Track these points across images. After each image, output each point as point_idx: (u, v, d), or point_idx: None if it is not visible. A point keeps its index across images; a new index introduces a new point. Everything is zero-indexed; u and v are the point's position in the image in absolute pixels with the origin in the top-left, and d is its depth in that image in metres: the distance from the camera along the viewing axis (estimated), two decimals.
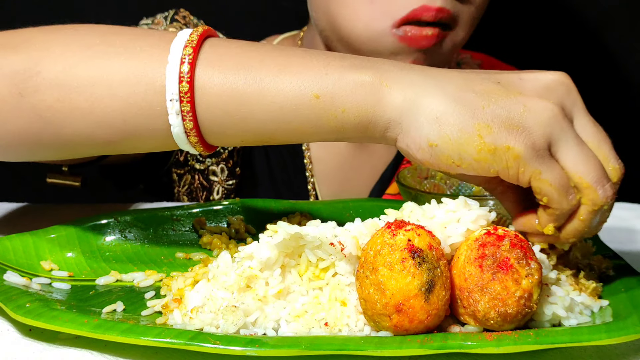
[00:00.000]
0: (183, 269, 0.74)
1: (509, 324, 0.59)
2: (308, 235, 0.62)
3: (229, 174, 1.11)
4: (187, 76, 0.65)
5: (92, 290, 0.70)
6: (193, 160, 1.10)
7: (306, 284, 0.63)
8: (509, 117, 0.60)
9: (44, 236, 0.76)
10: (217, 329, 0.61)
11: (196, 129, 0.66)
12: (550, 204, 0.61)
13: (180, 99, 0.65)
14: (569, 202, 0.61)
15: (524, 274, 0.58)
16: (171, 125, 0.66)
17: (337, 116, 0.64)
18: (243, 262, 0.64)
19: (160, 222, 0.83)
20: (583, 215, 0.62)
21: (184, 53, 0.65)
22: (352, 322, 0.61)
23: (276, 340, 0.57)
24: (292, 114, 0.65)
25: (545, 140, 0.60)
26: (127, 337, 0.56)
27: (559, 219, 0.63)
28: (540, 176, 0.60)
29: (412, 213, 0.64)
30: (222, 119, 0.66)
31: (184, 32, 0.67)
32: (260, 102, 0.65)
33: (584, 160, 0.61)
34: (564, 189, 0.61)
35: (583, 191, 0.61)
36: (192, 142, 0.67)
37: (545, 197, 0.61)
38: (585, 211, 0.62)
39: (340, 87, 0.63)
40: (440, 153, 0.61)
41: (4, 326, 0.63)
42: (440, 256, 0.59)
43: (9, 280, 0.67)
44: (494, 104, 0.61)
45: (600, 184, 0.61)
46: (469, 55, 1.26)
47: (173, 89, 0.65)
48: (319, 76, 0.64)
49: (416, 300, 0.57)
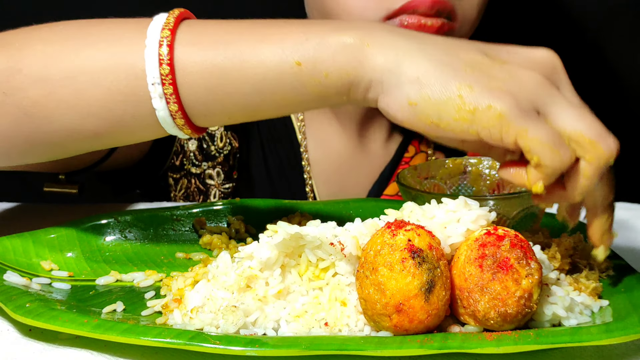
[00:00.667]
0: (183, 269, 0.74)
1: (509, 324, 0.59)
2: (308, 235, 0.62)
3: (225, 177, 1.11)
4: (166, 58, 0.64)
5: (92, 290, 0.70)
6: (189, 164, 1.10)
7: (306, 284, 0.63)
8: (492, 80, 0.59)
9: (44, 236, 0.76)
10: (217, 329, 0.61)
11: (181, 111, 0.66)
12: (542, 162, 0.59)
13: (162, 82, 0.64)
14: (561, 160, 0.59)
15: (524, 274, 0.58)
16: (156, 110, 0.65)
17: (320, 82, 0.63)
18: (243, 262, 0.64)
19: (160, 222, 0.83)
20: (589, 173, 0.59)
21: (162, 35, 0.65)
22: (352, 322, 0.61)
23: (276, 340, 0.57)
24: (275, 84, 0.64)
25: (530, 103, 0.59)
26: (127, 337, 0.56)
27: (550, 178, 0.60)
28: (527, 134, 0.58)
29: (412, 213, 0.64)
30: (206, 97, 0.65)
31: (161, 16, 0.67)
32: (242, 76, 0.64)
33: (581, 116, 0.59)
34: (556, 145, 0.58)
35: (586, 147, 0.59)
36: (179, 124, 0.67)
37: (536, 155, 0.58)
38: (590, 168, 0.59)
39: (321, 51, 0.63)
40: (420, 112, 0.60)
41: (4, 326, 0.63)
42: (440, 256, 0.59)
43: (9, 280, 0.67)
44: (477, 70, 0.60)
45: (603, 138, 0.59)
46: None
47: (154, 73, 0.64)
48: (299, 43, 0.63)
49: (416, 300, 0.57)
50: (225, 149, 1.09)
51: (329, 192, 1.13)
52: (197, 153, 1.08)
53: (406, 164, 1.14)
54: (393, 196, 1.12)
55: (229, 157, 1.10)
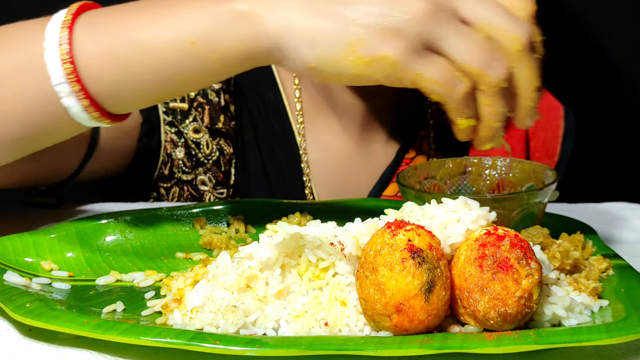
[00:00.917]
0: (183, 269, 0.74)
1: (509, 324, 0.59)
2: (308, 235, 0.62)
3: (217, 183, 1.10)
4: (67, 57, 0.65)
5: (92, 290, 0.70)
6: (179, 172, 1.09)
7: (306, 284, 0.63)
8: (379, 24, 0.60)
9: (44, 236, 0.76)
10: (217, 329, 0.61)
11: (93, 105, 0.66)
12: (442, 99, 0.61)
13: (68, 80, 0.65)
14: (458, 92, 0.61)
15: (524, 274, 0.58)
16: (67, 108, 0.66)
17: (218, 57, 0.64)
18: (243, 262, 0.64)
19: (160, 222, 0.83)
20: (487, 100, 0.62)
21: (60, 35, 0.66)
22: (352, 322, 0.61)
23: (276, 340, 0.57)
24: (176, 65, 0.65)
25: (420, 41, 0.60)
26: (127, 337, 0.56)
27: (459, 111, 0.62)
28: (422, 77, 0.60)
29: (412, 213, 0.64)
30: (113, 87, 0.66)
31: (59, 14, 0.68)
32: (142, 62, 0.65)
33: (467, 47, 0.61)
34: (449, 81, 0.60)
35: (475, 78, 0.61)
36: (95, 117, 0.67)
37: (434, 94, 0.61)
38: (486, 95, 0.61)
39: (213, 27, 0.63)
40: (321, 72, 0.62)
41: (4, 326, 0.63)
42: (440, 256, 0.59)
43: (9, 280, 0.67)
44: (364, 14, 0.61)
45: (488, 66, 0.60)
46: None
47: (58, 73, 0.65)
48: (192, 21, 0.64)
49: (416, 300, 0.57)
50: (213, 155, 1.09)
51: (328, 194, 1.12)
52: (185, 160, 1.08)
53: (407, 165, 1.14)
54: (392, 197, 1.12)
55: (219, 163, 1.10)
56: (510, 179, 0.82)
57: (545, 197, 0.74)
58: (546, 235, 0.70)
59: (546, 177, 0.78)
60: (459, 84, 0.61)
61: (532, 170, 0.80)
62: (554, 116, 1.24)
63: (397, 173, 1.05)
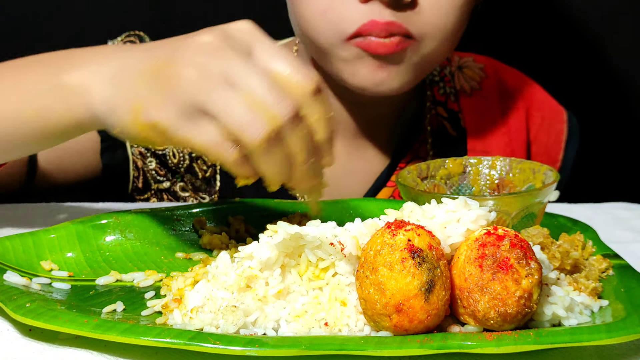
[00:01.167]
0: (183, 269, 0.74)
1: (508, 324, 0.59)
2: (308, 235, 0.62)
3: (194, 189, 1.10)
4: None
5: (92, 290, 0.70)
6: (155, 182, 1.09)
7: (306, 284, 0.63)
8: (153, 91, 0.64)
9: (44, 236, 0.76)
10: (217, 329, 0.61)
11: None
12: (214, 161, 0.64)
13: None
14: (228, 156, 0.63)
15: (524, 274, 0.58)
16: None
17: (55, 126, 0.71)
18: (243, 262, 0.64)
19: (160, 222, 0.83)
20: (256, 160, 0.64)
21: None
22: (352, 322, 0.61)
23: (276, 340, 0.57)
24: (20, 133, 0.72)
25: (190, 105, 0.63)
26: (127, 337, 0.56)
27: (235, 172, 0.65)
28: (192, 141, 0.63)
29: (412, 213, 0.64)
30: None
31: None
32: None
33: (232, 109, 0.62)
34: (217, 146, 0.63)
35: (239, 140, 0.63)
36: None
37: (206, 157, 0.64)
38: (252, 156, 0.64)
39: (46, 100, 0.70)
40: (126, 136, 0.67)
41: (4, 326, 0.63)
42: (440, 256, 0.59)
43: (9, 280, 0.67)
44: (144, 82, 0.65)
45: (246, 128, 0.62)
46: (472, 57, 1.25)
47: None
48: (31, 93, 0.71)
49: (416, 300, 0.57)
50: (184, 163, 1.09)
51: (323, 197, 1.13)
52: (158, 170, 1.09)
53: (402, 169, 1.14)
54: None
55: (192, 170, 1.10)
56: (510, 179, 0.82)
57: (545, 197, 0.74)
58: (546, 235, 0.69)
59: (546, 177, 0.78)
60: (228, 148, 0.63)
61: (532, 170, 0.80)
62: (557, 121, 1.24)
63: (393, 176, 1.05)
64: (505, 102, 1.22)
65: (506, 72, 1.25)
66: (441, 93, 1.20)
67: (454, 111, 1.19)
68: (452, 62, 1.23)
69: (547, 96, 1.25)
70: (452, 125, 1.18)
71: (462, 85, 1.21)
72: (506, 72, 1.25)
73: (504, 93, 1.23)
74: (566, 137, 1.24)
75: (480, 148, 1.18)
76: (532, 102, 1.23)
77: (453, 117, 1.19)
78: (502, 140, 1.19)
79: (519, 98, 1.23)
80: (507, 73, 1.25)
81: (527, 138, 1.22)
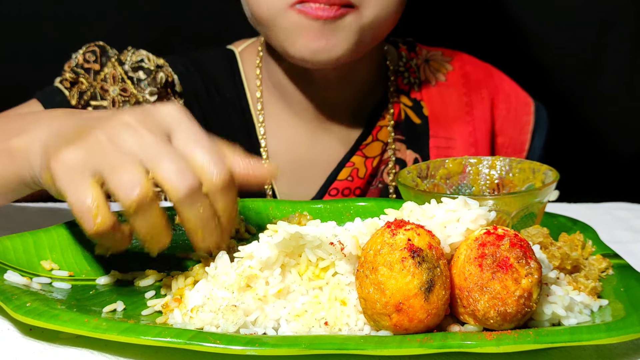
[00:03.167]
0: (183, 269, 0.74)
1: (508, 323, 0.59)
2: (308, 235, 0.62)
3: None
4: None
5: (92, 289, 0.70)
6: None
7: (306, 284, 0.63)
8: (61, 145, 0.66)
9: (44, 236, 0.76)
10: (217, 328, 0.61)
11: None
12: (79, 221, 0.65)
13: None
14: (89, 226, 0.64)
15: (523, 274, 0.58)
16: None
17: (7, 184, 0.74)
18: (243, 262, 0.64)
19: None
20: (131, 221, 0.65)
21: None
22: (352, 322, 0.61)
23: (276, 340, 0.57)
24: None
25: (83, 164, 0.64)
26: (127, 336, 0.56)
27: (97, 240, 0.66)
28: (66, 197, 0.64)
29: (412, 213, 0.64)
30: None
31: None
32: None
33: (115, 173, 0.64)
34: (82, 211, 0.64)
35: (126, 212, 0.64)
36: None
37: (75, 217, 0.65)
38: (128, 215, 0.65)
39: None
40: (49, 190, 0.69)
41: (4, 326, 0.63)
42: (440, 256, 0.59)
43: (9, 280, 0.67)
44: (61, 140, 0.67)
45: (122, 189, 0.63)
46: (440, 51, 1.28)
47: None
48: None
49: (416, 299, 0.57)
50: None
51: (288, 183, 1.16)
52: None
53: (361, 151, 1.17)
54: (343, 181, 1.16)
55: None
56: (510, 178, 0.82)
57: (545, 197, 0.74)
58: (546, 235, 0.70)
59: (546, 177, 0.78)
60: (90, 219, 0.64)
61: (531, 169, 0.81)
62: (524, 112, 1.26)
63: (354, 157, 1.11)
64: (470, 93, 1.25)
65: (472, 64, 1.28)
66: (405, 83, 1.23)
67: (416, 100, 1.23)
68: (420, 55, 1.27)
69: (515, 88, 1.27)
70: (416, 113, 1.22)
71: (427, 77, 1.25)
72: (472, 65, 1.28)
73: (468, 85, 1.25)
74: (532, 128, 1.25)
75: (443, 134, 1.21)
76: (498, 94, 1.26)
77: (416, 105, 1.22)
78: (465, 129, 1.22)
79: (485, 90, 1.25)
80: (474, 66, 1.28)
81: (491, 128, 1.24)
